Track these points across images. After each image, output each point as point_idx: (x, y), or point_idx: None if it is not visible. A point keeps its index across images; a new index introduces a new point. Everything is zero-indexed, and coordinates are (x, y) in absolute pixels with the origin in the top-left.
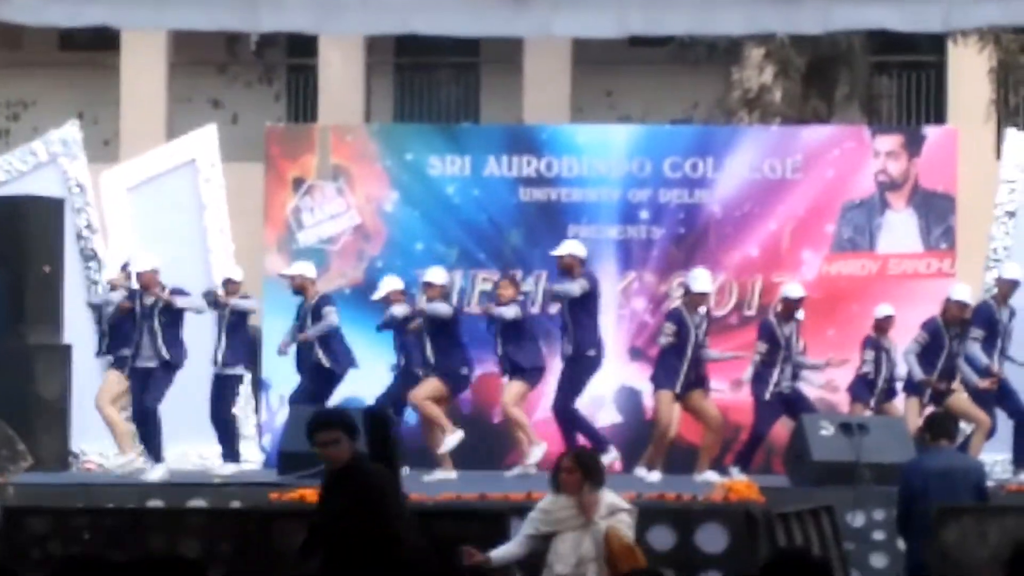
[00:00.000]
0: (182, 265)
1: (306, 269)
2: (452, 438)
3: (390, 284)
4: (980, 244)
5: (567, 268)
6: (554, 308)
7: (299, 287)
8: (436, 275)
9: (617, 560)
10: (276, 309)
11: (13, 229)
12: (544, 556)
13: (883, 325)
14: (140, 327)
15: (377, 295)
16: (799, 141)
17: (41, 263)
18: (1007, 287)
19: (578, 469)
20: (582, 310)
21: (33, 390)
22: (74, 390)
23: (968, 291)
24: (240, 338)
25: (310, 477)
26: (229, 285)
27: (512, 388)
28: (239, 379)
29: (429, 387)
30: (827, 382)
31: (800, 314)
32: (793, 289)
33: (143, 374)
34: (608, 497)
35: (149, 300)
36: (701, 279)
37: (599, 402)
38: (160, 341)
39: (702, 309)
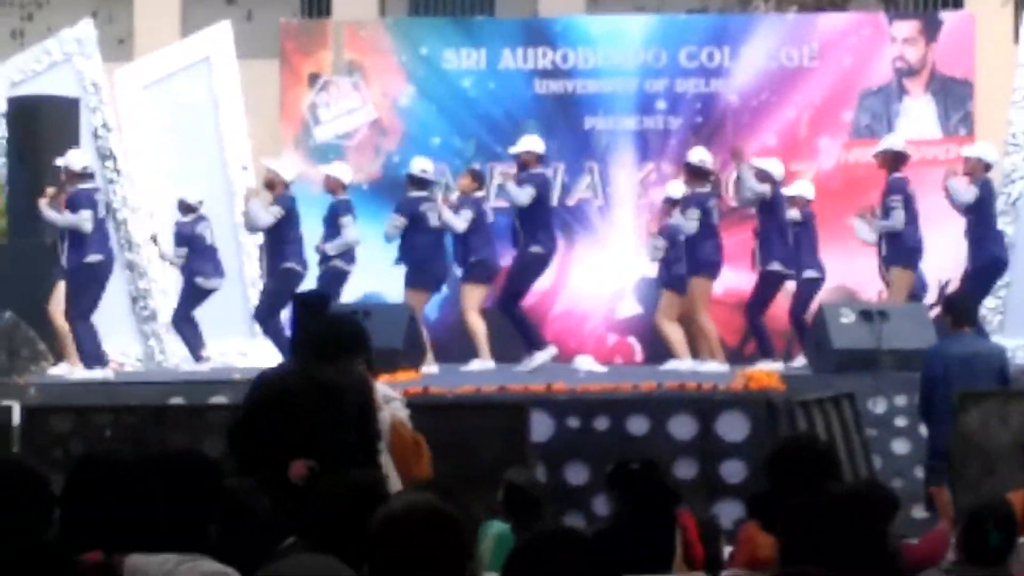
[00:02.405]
0: (198, 163)
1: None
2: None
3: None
4: (998, 129)
5: (525, 164)
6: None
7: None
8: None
9: (407, 453)
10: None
11: (29, 129)
12: None
13: None
14: None
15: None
16: (816, 29)
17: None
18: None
19: (368, 363)
20: (531, 209)
21: (53, 291)
22: None
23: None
24: None
25: None
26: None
27: (472, 292)
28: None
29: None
30: None
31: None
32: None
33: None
34: (379, 387)
35: None
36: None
37: (620, 294)
38: None
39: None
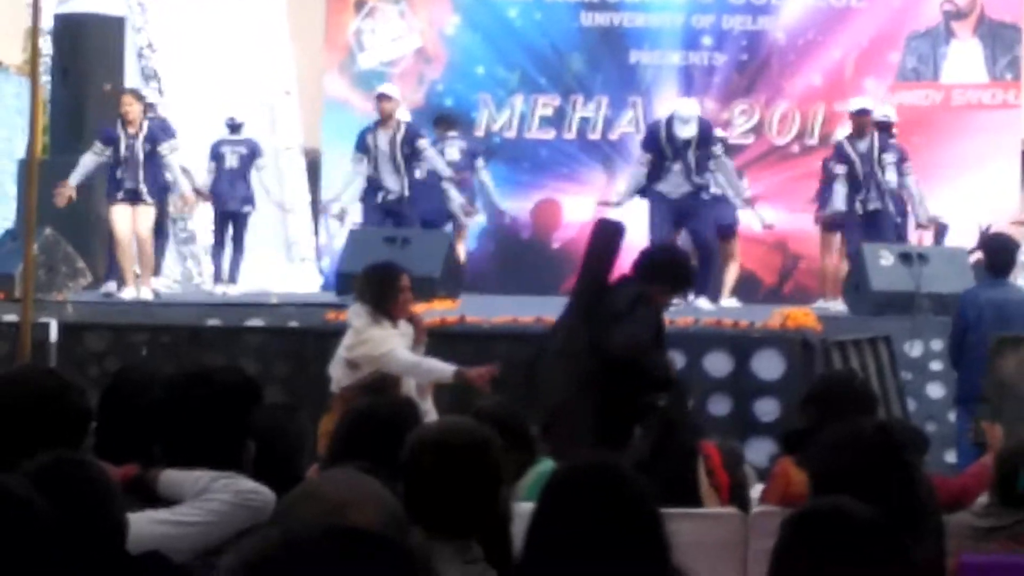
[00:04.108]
0: (241, 86)
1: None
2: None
3: None
4: None
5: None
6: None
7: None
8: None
9: None
10: (335, 132)
11: (74, 47)
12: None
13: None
14: None
15: None
16: None
17: (102, 81)
18: None
19: (410, 288)
20: None
21: (92, 208)
22: None
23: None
24: None
25: None
26: None
27: None
28: None
29: None
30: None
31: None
32: (852, 103)
33: None
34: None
35: None
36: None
37: None
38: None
39: None
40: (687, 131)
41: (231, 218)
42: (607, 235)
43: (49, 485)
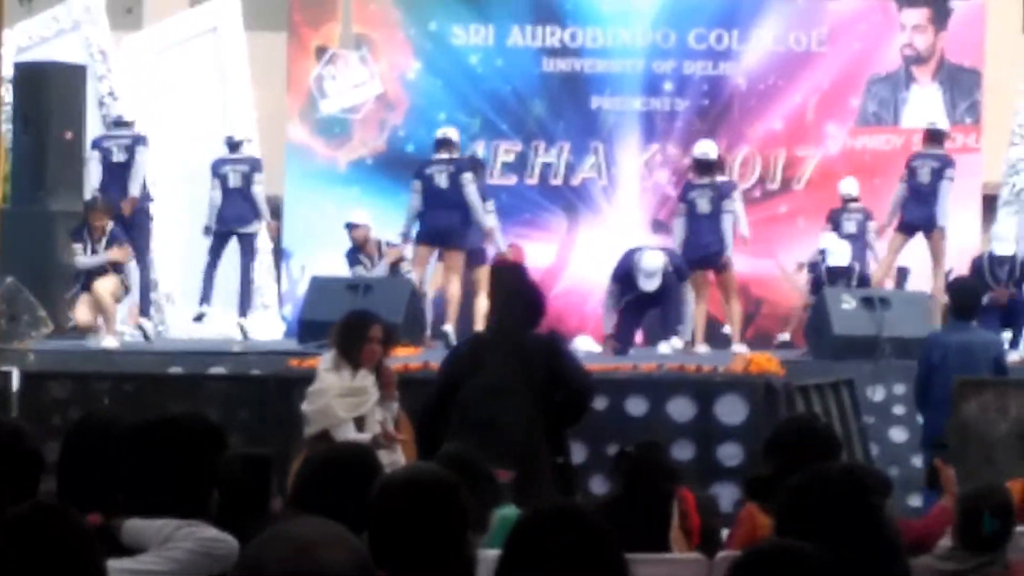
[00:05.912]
0: (202, 133)
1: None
2: None
3: None
4: (1006, 119)
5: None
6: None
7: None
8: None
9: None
10: (297, 177)
11: (35, 95)
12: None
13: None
14: None
15: None
16: (825, 13)
17: (63, 129)
18: None
19: (385, 341)
20: None
21: (54, 257)
22: None
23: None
24: None
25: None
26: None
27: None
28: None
29: None
30: None
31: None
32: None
33: None
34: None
35: None
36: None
37: None
38: None
39: None
40: (650, 285)
41: (238, 239)
42: (513, 277)
43: (27, 534)
